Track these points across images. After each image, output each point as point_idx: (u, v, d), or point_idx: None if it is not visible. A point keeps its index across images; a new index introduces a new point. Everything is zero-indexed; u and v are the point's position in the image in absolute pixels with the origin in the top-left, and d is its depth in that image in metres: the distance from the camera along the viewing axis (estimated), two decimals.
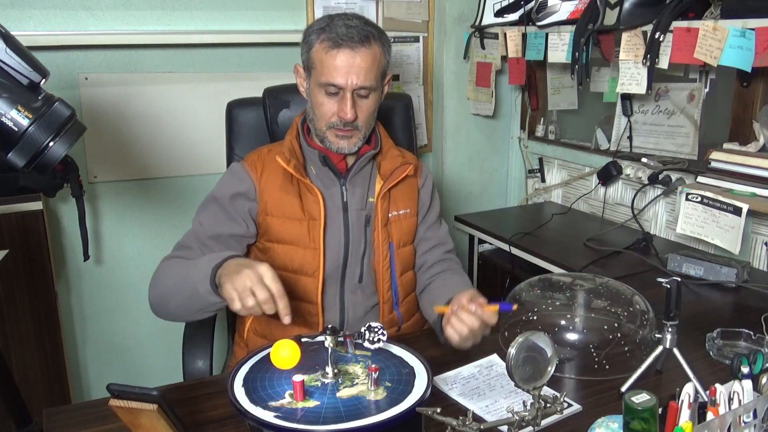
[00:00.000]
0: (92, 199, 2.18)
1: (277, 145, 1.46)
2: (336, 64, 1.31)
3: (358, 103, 1.35)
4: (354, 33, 1.31)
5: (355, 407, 0.98)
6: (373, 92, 1.36)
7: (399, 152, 1.48)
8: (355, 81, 1.31)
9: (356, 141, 1.39)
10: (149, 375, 2.38)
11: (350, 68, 1.30)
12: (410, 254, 1.50)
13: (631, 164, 2.15)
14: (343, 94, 1.33)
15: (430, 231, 1.53)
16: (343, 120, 1.34)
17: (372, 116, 1.40)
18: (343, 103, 1.33)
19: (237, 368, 1.08)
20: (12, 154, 0.89)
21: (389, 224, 1.44)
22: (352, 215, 1.42)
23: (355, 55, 1.30)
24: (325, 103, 1.35)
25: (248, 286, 1.08)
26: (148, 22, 2.14)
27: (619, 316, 1.27)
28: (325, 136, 1.38)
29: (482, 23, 2.43)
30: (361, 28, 1.32)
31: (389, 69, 1.42)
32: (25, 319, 1.93)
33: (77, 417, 1.10)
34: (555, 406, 0.97)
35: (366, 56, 1.31)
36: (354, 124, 1.36)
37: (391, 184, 1.43)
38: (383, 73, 1.39)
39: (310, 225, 1.38)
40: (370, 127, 1.42)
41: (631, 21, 1.80)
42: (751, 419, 0.87)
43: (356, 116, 1.35)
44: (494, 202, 2.83)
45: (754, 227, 1.84)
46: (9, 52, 0.88)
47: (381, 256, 1.42)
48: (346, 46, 1.30)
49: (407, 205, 1.48)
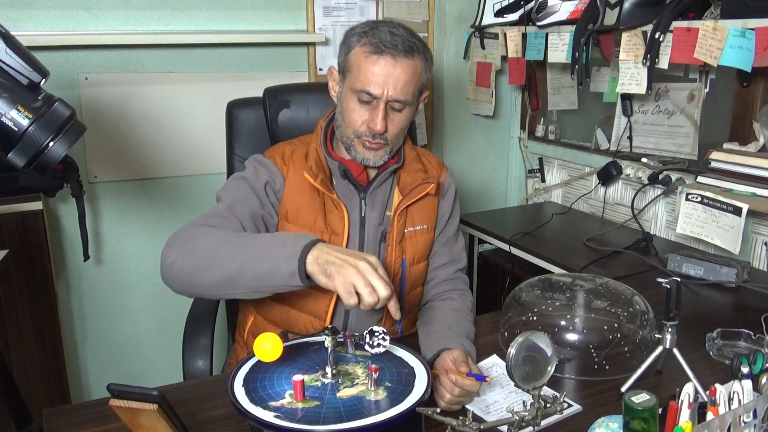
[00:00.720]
0: (92, 199, 2.18)
1: (298, 146, 1.39)
2: (374, 71, 1.24)
3: (390, 116, 1.28)
4: (398, 41, 1.24)
5: (355, 407, 0.98)
6: (408, 107, 1.30)
7: (422, 166, 1.41)
8: (391, 92, 1.25)
9: (383, 155, 1.32)
10: (149, 375, 2.38)
11: (388, 78, 1.24)
12: (422, 271, 1.43)
13: (631, 164, 2.15)
14: (376, 104, 1.26)
15: (445, 247, 1.47)
16: (373, 131, 1.27)
17: (402, 132, 1.34)
18: (375, 114, 1.27)
19: (237, 368, 1.08)
20: (12, 154, 0.89)
21: (404, 241, 1.39)
22: (369, 231, 1.36)
23: (396, 65, 1.24)
24: (356, 110, 1.28)
25: (367, 280, 1.01)
26: (148, 22, 2.14)
27: (619, 317, 1.27)
28: (352, 144, 1.32)
29: (482, 23, 2.43)
30: (406, 38, 1.26)
31: (427, 85, 1.36)
32: (25, 319, 1.93)
33: (77, 417, 1.10)
34: (555, 406, 0.97)
35: (407, 68, 1.25)
36: (383, 137, 1.29)
37: (410, 201, 1.37)
38: (421, 88, 1.32)
39: (332, 240, 1.32)
40: (399, 143, 1.36)
41: (631, 21, 1.80)
42: (751, 419, 0.87)
43: (386, 129, 1.28)
44: (494, 202, 2.84)
45: (754, 227, 1.84)
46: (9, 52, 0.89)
47: (392, 274, 1.37)
48: (388, 53, 1.24)
49: (424, 220, 1.41)
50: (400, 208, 1.36)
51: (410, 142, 1.45)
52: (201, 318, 1.52)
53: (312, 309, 1.34)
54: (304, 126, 1.58)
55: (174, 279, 1.17)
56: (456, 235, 1.50)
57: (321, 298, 1.33)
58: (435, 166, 1.47)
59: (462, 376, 1.09)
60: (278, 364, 1.10)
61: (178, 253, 1.16)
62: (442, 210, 1.46)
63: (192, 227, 1.21)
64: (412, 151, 1.43)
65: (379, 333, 1.05)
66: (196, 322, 1.50)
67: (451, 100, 2.64)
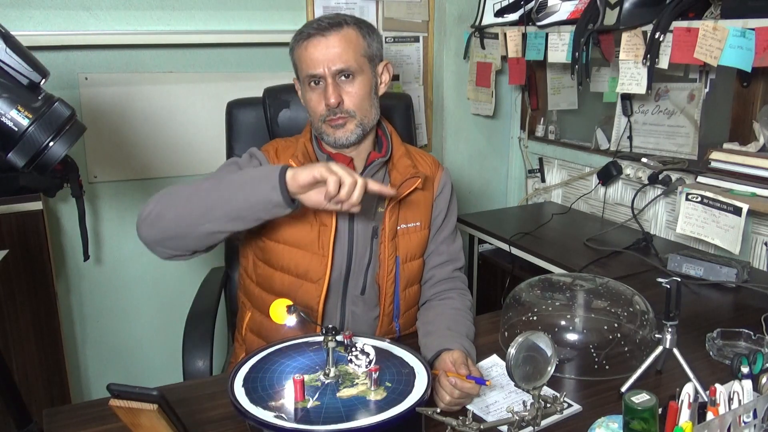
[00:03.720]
0: (92, 199, 2.18)
1: (292, 143, 1.42)
2: (310, 54, 1.30)
3: (343, 88, 1.32)
4: (324, 22, 1.30)
5: (355, 407, 0.98)
6: (359, 75, 1.32)
7: (411, 162, 1.42)
8: (329, 66, 1.29)
9: (352, 128, 1.33)
10: (149, 375, 2.38)
11: (324, 54, 1.29)
12: (417, 269, 1.44)
13: (631, 164, 2.15)
14: (325, 83, 1.31)
15: (443, 245, 1.48)
16: (329, 106, 1.31)
17: (364, 102, 1.34)
18: (326, 90, 1.31)
19: (237, 368, 1.08)
20: (12, 154, 0.89)
21: (397, 237, 1.39)
22: (359, 224, 1.37)
23: (326, 40, 1.29)
24: (313, 97, 1.33)
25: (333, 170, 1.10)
26: (148, 22, 2.14)
27: (619, 317, 1.27)
28: (323, 131, 1.35)
29: (482, 23, 2.43)
30: (332, 17, 1.32)
31: (381, 57, 1.39)
32: (25, 319, 1.93)
33: (77, 417, 1.10)
34: (555, 406, 0.97)
35: (338, 39, 1.30)
36: (344, 110, 1.32)
37: (399, 197, 1.38)
38: (368, 56, 1.35)
39: (321, 231, 1.34)
40: (369, 117, 1.36)
41: (631, 21, 1.80)
42: (751, 419, 0.87)
43: (341, 100, 1.31)
44: (494, 202, 2.84)
45: (754, 227, 1.84)
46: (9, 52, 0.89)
47: (386, 271, 1.38)
48: (316, 34, 1.30)
49: (418, 217, 1.41)
50: (391, 203, 1.37)
51: (399, 140, 1.46)
52: (201, 318, 1.52)
53: (303, 301, 1.35)
54: (303, 126, 1.57)
55: (151, 225, 1.22)
56: (454, 234, 1.51)
57: (311, 288, 1.35)
58: (429, 164, 1.48)
59: (462, 379, 1.09)
60: (278, 364, 1.10)
61: (155, 203, 1.22)
62: (438, 209, 1.47)
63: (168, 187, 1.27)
64: (402, 147, 1.44)
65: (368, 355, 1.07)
66: (196, 322, 1.50)
67: (451, 100, 2.64)
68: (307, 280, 1.35)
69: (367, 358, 1.07)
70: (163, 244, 1.23)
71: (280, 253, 1.35)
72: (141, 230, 1.23)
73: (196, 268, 2.19)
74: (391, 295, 1.40)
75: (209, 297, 1.62)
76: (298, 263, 1.34)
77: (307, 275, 1.35)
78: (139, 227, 1.23)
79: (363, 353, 1.07)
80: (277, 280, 1.36)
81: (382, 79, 1.40)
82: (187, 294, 1.65)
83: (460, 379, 1.09)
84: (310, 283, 1.35)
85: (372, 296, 1.40)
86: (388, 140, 1.44)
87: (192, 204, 1.20)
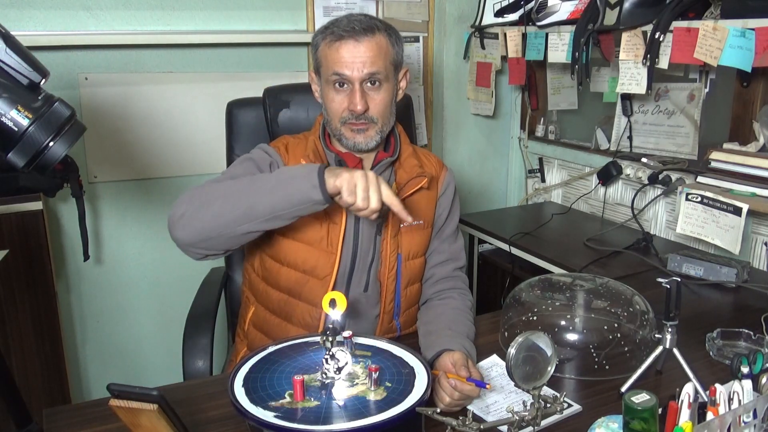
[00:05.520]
0: (92, 199, 2.18)
1: (301, 140, 1.42)
2: (341, 56, 1.29)
3: (369, 95, 1.32)
4: (356, 25, 1.30)
5: (355, 407, 0.98)
6: (385, 83, 1.33)
7: (417, 162, 1.42)
8: (361, 69, 1.29)
9: (372, 135, 1.35)
10: (149, 375, 2.38)
11: (355, 58, 1.29)
12: (419, 267, 1.44)
13: (631, 164, 2.15)
14: (352, 87, 1.31)
15: (445, 244, 1.48)
16: (354, 112, 1.31)
17: (387, 109, 1.36)
18: (353, 95, 1.31)
19: (237, 368, 1.08)
20: (12, 154, 0.89)
21: (399, 235, 1.40)
22: (364, 222, 1.37)
23: (359, 45, 1.29)
24: (336, 98, 1.33)
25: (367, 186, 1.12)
26: (148, 22, 2.14)
27: (619, 317, 1.27)
28: (341, 133, 1.35)
29: (482, 23, 2.43)
30: (364, 21, 1.31)
31: (403, 65, 1.39)
32: (25, 319, 1.93)
33: (77, 417, 1.10)
34: (555, 406, 0.97)
35: (370, 45, 1.30)
36: (367, 117, 1.33)
37: (404, 195, 1.38)
38: (395, 64, 1.36)
39: (330, 228, 1.34)
40: (388, 123, 1.38)
41: (631, 21, 1.80)
42: (751, 419, 0.87)
43: (367, 107, 1.32)
44: (494, 202, 2.84)
45: (754, 227, 1.84)
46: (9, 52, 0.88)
47: (387, 268, 1.39)
48: (349, 37, 1.29)
49: (421, 216, 1.42)
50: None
51: (407, 140, 1.47)
52: (201, 318, 1.52)
53: (308, 297, 1.36)
54: (303, 126, 1.58)
55: (185, 226, 1.21)
56: (455, 233, 1.51)
57: (317, 285, 1.35)
58: (434, 164, 1.48)
59: (462, 381, 1.09)
60: (278, 364, 1.10)
61: (188, 204, 1.22)
62: (441, 208, 1.47)
63: (196, 187, 1.26)
64: (409, 147, 1.45)
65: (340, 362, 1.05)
66: (196, 322, 1.50)
67: (451, 100, 2.64)
68: (314, 276, 1.35)
69: (337, 364, 1.04)
70: (199, 245, 1.23)
71: (288, 249, 1.35)
72: (176, 232, 1.22)
73: (196, 268, 2.17)
74: (392, 293, 1.40)
75: (209, 297, 1.62)
76: (306, 259, 1.35)
77: (314, 272, 1.35)
78: (173, 228, 1.22)
79: (333, 358, 1.04)
80: (284, 276, 1.36)
81: (400, 85, 1.41)
82: (187, 294, 1.65)
83: (460, 381, 1.09)
84: (316, 280, 1.35)
85: (374, 293, 1.41)
86: (397, 140, 1.44)
87: (229, 204, 1.20)
